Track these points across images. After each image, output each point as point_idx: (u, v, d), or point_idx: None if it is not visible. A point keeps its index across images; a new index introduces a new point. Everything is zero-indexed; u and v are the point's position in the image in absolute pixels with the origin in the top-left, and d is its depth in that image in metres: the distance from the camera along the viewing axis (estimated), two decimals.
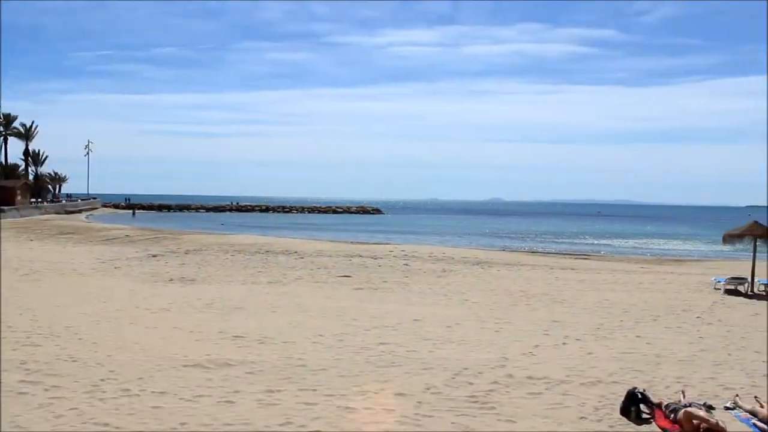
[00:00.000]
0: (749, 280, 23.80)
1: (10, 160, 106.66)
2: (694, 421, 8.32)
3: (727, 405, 9.76)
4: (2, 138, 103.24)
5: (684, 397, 9.72)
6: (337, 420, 8.60)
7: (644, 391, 9.55)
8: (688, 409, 8.62)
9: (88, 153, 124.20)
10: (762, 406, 9.32)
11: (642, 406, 9.21)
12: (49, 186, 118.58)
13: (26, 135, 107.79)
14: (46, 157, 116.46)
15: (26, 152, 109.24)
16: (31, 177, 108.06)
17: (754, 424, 8.89)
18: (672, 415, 8.83)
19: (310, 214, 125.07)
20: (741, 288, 23.64)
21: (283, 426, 8.34)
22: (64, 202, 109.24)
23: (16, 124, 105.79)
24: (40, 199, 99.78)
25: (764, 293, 23.08)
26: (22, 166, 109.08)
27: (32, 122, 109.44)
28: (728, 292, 23.17)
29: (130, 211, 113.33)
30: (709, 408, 9.37)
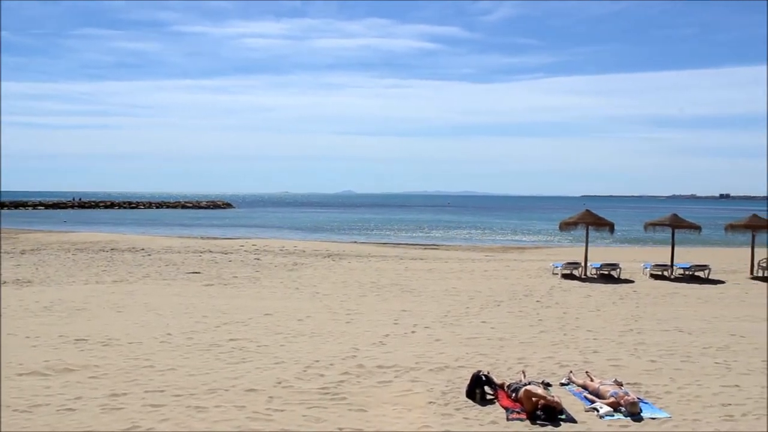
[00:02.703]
0: (582, 264, 25.42)
1: None
2: (533, 399, 8.81)
3: (563, 381, 10.45)
4: None
5: (524, 376, 10.29)
6: (187, 420, 8.40)
7: (488, 373, 10.03)
8: (527, 387, 9.11)
9: None
10: (592, 380, 10.04)
11: (486, 388, 9.67)
12: None
13: None
14: None
15: None
16: None
17: (585, 397, 9.58)
18: (513, 395, 9.33)
19: (158, 210, 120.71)
20: (576, 272, 25.23)
21: (129, 431, 8.05)
22: None
23: None
24: None
25: (596, 276, 24.75)
26: None
27: None
28: (565, 276, 24.67)
29: None
30: (547, 385, 9.99)
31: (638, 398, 9.20)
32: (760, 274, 25.45)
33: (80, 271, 24.85)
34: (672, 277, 24.91)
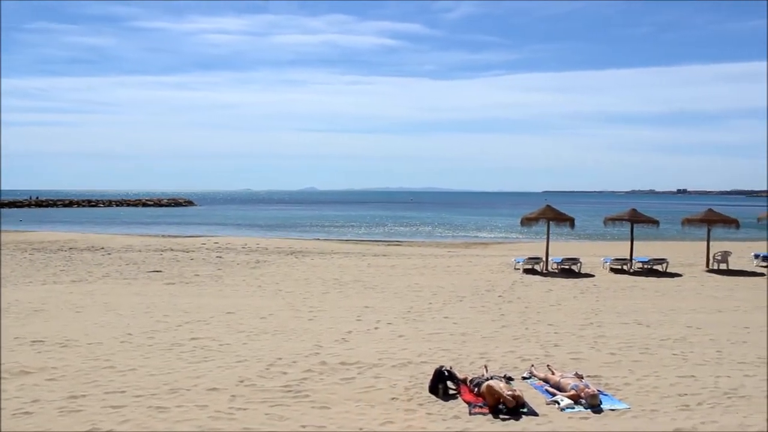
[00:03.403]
0: (544, 259, 25.69)
1: None
2: (495, 394, 8.88)
3: (524, 375, 10.58)
4: None
5: (487, 371, 10.37)
6: (148, 421, 8.31)
7: (451, 368, 10.09)
8: (489, 382, 9.18)
9: None
10: (553, 374, 10.16)
11: (449, 383, 9.73)
12: None
13: None
14: None
15: None
16: None
17: (546, 390, 9.69)
18: (476, 389, 9.40)
19: (118, 208, 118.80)
20: (537, 267, 25.49)
21: None
22: None
23: None
24: None
25: (557, 270, 25.03)
26: None
27: None
28: (526, 271, 24.92)
29: None
30: (509, 379, 10.07)
31: (598, 390, 9.35)
32: (716, 267, 26.00)
33: (37, 271, 24.40)
34: (631, 270, 25.31)
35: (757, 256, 27.80)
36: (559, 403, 9.07)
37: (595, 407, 8.91)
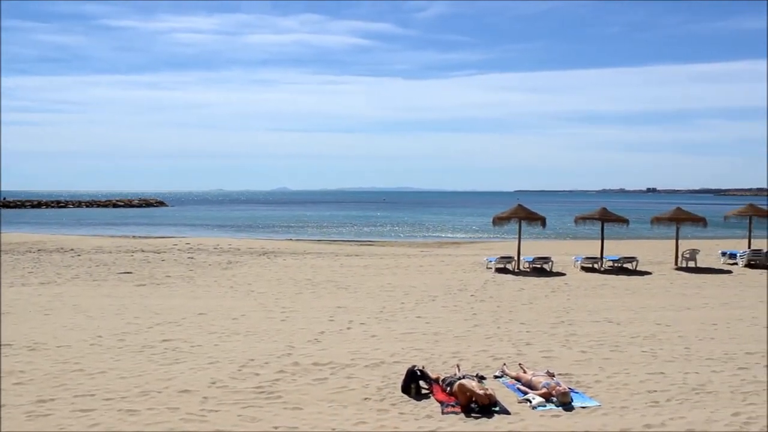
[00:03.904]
0: (516, 258, 25.84)
1: None
2: (467, 393, 8.92)
3: (496, 374, 10.63)
4: None
5: (459, 370, 10.41)
6: (118, 424, 8.23)
7: (423, 368, 10.11)
8: (462, 381, 9.22)
9: None
10: (525, 372, 10.23)
11: (421, 383, 9.75)
12: None
13: None
14: None
15: None
16: None
17: (518, 389, 9.76)
18: (448, 388, 9.42)
19: (88, 209, 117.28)
20: (509, 266, 25.63)
21: None
22: None
23: None
24: None
25: (528, 269, 25.20)
26: None
27: None
28: (498, 270, 25.04)
29: None
30: (481, 378, 10.13)
31: (569, 388, 9.42)
32: (684, 265, 26.35)
33: (4, 273, 24.01)
34: (602, 269, 25.56)
35: (724, 254, 28.29)
36: (530, 402, 9.14)
37: (566, 405, 8.99)
